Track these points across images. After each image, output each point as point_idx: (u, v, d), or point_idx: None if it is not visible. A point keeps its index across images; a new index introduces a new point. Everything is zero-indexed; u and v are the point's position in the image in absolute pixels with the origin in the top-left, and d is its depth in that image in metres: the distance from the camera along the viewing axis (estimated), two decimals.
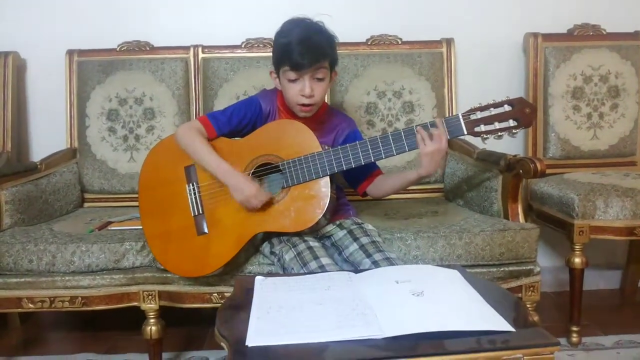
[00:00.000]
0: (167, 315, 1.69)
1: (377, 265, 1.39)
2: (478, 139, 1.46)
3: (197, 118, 1.72)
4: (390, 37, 2.20)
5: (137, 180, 1.62)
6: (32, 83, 2.27)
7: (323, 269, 1.36)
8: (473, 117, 1.42)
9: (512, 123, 1.41)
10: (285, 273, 1.44)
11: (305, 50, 1.45)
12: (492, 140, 1.44)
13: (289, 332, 0.94)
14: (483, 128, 1.41)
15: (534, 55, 2.22)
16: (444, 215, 1.80)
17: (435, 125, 1.41)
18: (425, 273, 1.21)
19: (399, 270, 1.25)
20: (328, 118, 1.65)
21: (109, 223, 1.79)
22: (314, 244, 1.46)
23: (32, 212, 1.84)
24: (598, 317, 2.12)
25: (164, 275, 1.60)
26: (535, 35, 2.22)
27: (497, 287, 1.31)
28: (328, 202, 1.45)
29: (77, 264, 1.59)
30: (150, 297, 1.62)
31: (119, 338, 2.04)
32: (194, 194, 1.53)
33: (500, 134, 1.42)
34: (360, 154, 1.44)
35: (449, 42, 2.20)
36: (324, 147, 1.50)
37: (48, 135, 2.23)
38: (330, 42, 1.52)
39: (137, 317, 1.67)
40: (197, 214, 1.52)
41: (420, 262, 1.56)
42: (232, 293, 1.20)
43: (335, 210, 1.60)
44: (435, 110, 2.14)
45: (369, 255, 1.44)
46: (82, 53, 2.16)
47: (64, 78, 2.15)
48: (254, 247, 1.60)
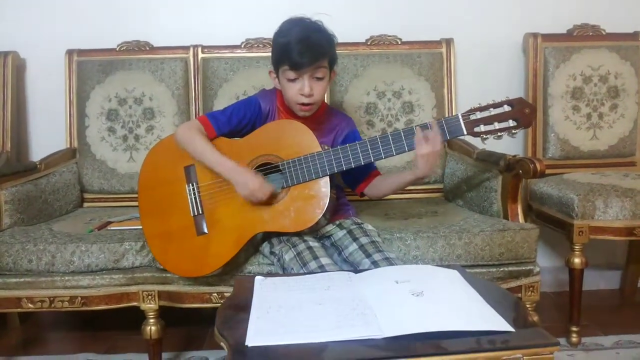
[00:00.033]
0: (166, 315, 1.69)
1: (376, 266, 1.39)
2: (478, 139, 1.46)
3: (196, 118, 1.72)
4: (390, 37, 2.20)
5: (136, 180, 1.62)
6: (31, 83, 2.27)
7: (323, 269, 1.36)
8: (473, 117, 1.42)
9: (511, 123, 1.42)
10: (285, 273, 1.44)
11: (305, 50, 1.45)
12: (491, 141, 1.44)
13: (289, 332, 0.94)
14: (483, 128, 1.42)
15: (534, 56, 2.22)
16: (444, 216, 1.80)
17: (430, 127, 1.41)
18: (425, 273, 1.21)
19: (399, 270, 1.25)
20: (327, 118, 1.65)
21: (109, 223, 1.79)
22: (314, 244, 1.46)
23: (31, 212, 1.84)
24: (598, 317, 2.12)
25: (164, 275, 1.60)
26: (535, 36, 2.22)
27: (496, 287, 1.31)
28: (328, 202, 1.45)
29: (76, 264, 1.59)
30: (150, 297, 1.62)
31: (119, 338, 2.04)
32: (194, 194, 1.53)
33: (500, 134, 1.42)
34: (360, 154, 1.44)
35: (449, 42, 2.20)
36: (324, 147, 1.50)
37: (48, 135, 2.23)
38: (329, 41, 1.52)
39: (136, 317, 1.67)
40: (196, 214, 1.52)
41: (420, 262, 1.56)
42: (231, 293, 1.20)
43: (335, 210, 1.60)
44: (435, 111, 2.14)
45: (369, 255, 1.44)
46: (81, 53, 2.16)
47: (64, 78, 2.15)
48: (254, 247, 1.60)
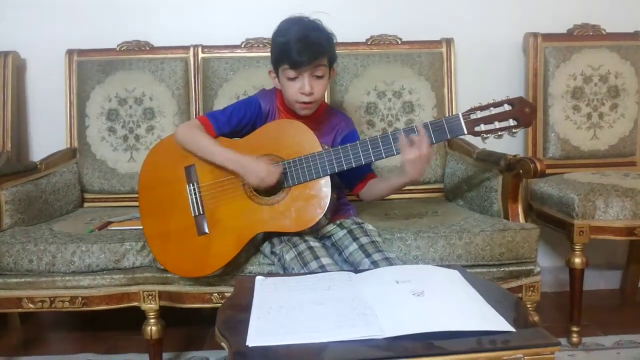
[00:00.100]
0: (167, 316, 1.69)
1: (376, 266, 1.39)
2: (478, 139, 1.46)
3: (196, 117, 1.72)
4: (390, 37, 2.20)
5: (137, 180, 1.61)
6: (32, 83, 2.27)
7: (323, 269, 1.36)
8: (473, 116, 1.42)
9: (512, 122, 1.42)
10: (286, 273, 1.44)
11: (304, 48, 1.45)
12: (492, 140, 1.44)
13: (290, 332, 0.94)
14: (483, 127, 1.42)
15: (534, 55, 2.22)
16: (444, 215, 1.80)
17: (417, 131, 1.41)
18: (426, 273, 1.21)
19: (399, 270, 1.25)
20: (327, 117, 1.65)
21: (109, 223, 1.79)
22: (315, 244, 1.46)
23: (32, 212, 1.84)
24: (598, 317, 2.12)
25: (164, 276, 1.60)
26: (535, 35, 2.22)
27: (497, 287, 1.31)
28: (328, 202, 1.45)
29: (77, 264, 1.59)
30: (151, 297, 1.62)
31: (119, 338, 2.04)
32: (195, 194, 1.53)
33: (500, 134, 1.42)
34: (361, 154, 1.44)
35: (449, 42, 2.20)
36: (324, 146, 1.50)
37: (48, 135, 2.23)
38: (329, 39, 1.52)
39: (137, 317, 1.67)
40: (197, 214, 1.52)
41: (421, 262, 1.56)
42: (232, 293, 1.20)
43: (336, 210, 1.60)
44: (436, 110, 2.14)
45: (369, 255, 1.44)
46: (82, 53, 2.16)
47: (64, 78, 2.15)
48: (255, 247, 1.60)
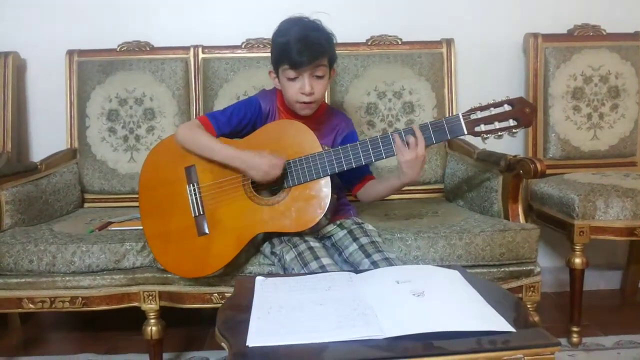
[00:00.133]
0: (167, 316, 1.69)
1: (376, 266, 1.39)
2: (478, 140, 1.46)
3: (196, 118, 1.71)
4: (390, 37, 2.20)
5: (137, 181, 1.61)
6: (32, 83, 2.27)
7: (324, 269, 1.36)
8: (473, 116, 1.42)
9: (512, 123, 1.42)
10: (286, 273, 1.44)
11: (304, 48, 1.45)
12: (492, 141, 1.44)
13: (290, 332, 0.94)
14: (483, 128, 1.42)
15: (534, 56, 2.22)
16: (444, 216, 1.80)
17: (412, 133, 1.41)
18: (426, 273, 1.21)
19: (400, 271, 1.25)
20: (327, 118, 1.65)
21: (109, 223, 1.79)
22: (315, 244, 1.46)
23: (32, 212, 1.84)
24: (598, 317, 2.11)
25: (165, 276, 1.60)
26: (535, 36, 2.22)
27: (497, 287, 1.31)
28: (329, 202, 1.45)
29: (77, 264, 1.59)
30: (151, 297, 1.62)
31: (120, 338, 2.04)
32: (195, 195, 1.53)
33: (501, 134, 1.42)
34: (361, 154, 1.44)
35: (449, 42, 2.20)
36: (324, 147, 1.50)
37: (48, 136, 2.23)
38: (329, 39, 1.52)
39: (137, 317, 1.67)
40: (197, 215, 1.52)
41: (421, 262, 1.56)
42: (232, 293, 1.20)
43: (336, 210, 1.60)
44: (436, 111, 2.14)
45: (368, 256, 1.44)
46: (82, 53, 2.16)
47: (64, 78, 2.15)
48: (255, 247, 1.60)
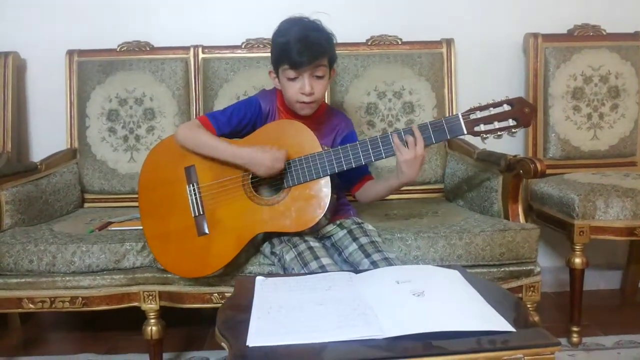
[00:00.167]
0: (167, 316, 1.69)
1: (375, 266, 1.39)
2: (478, 140, 1.46)
3: (196, 118, 1.72)
4: (390, 37, 2.20)
5: (137, 181, 1.61)
6: (32, 83, 2.27)
7: (324, 269, 1.36)
8: (473, 116, 1.42)
9: (511, 122, 1.42)
10: (286, 273, 1.44)
11: (304, 48, 1.45)
12: (492, 141, 1.44)
13: (290, 332, 0.94)
14: (483, 127, 1.42)
15: (534, 56, 2.22)
16: (444, 216, 1.80)
17: (411, 133, 1.41)
18: (426, 273, 1.21)
19: (400, 271, 1.25)
20: (327, 118, 1.65)
21: (109, 223, 1.79)
22: (315, 244, 1.46)
23: (32, 212, 1.84)
24: (598, 317, 2.12)
25: (165, 276, 1.60)
26: (535, 36, 2.22)
27: (497, 287, 1.31)
28: (329, 202, 1.45)
29: (77, 264, 1.59)
30: (151, 297, 1.62)
31: (120, 338, 2.04)
32: (195, 195, 1.53)
33: (500, 134, 1.42)
34: (361, 154, 1.44)
35: (449, 42, 2.20)
36: (324, 147, 1.50)
37: (48, 136, 2.23)
38: (328, 39, 1.52)
39: (137, 317, 1.67)
40: (197, 215, 1.52)
41: (421, 262, 1.56)
42: (232, 293, 1.20)
43: (336, 210, 1.60)
44: (436, 111, 2.14)
45: (368, 256, 1.44)
46: (82, 53, 2.16)
47: (64, 78, 2.15)
48: (255, 247, 1.60)
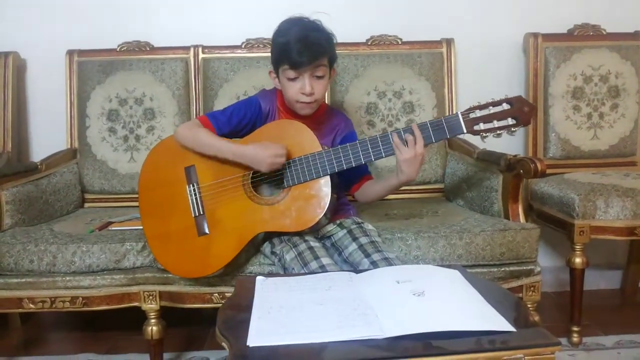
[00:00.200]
0: (167, 316, 1.69)
1: (375, 266, 1.39)
2: (478, 139, 1.46)
3: (196, 117, 1.72)
4: (390, 37, 2.20)
5: (137, 181, 1.61)
6: (32, 83, 2.27)
7: (324, 269, 1.36)
8: (472, 115, 1.42)
9: (510, 121, 1.42)
10: (286, 273, 1.44)
11: (304, 48, 1.45)
12: (492, 140, 1.44)
13: (290, 332, 0.94)
14: (482, 126, 1.42)
15: (534, 55, 2.22)
16: (445, 216, 1.80)
17: (411, 132, 1.41)
18: (426, 273, 1.21)
19: (400, 270, 1.25)
20: (327, 118, 1.65)
21: (110, 223, 1.79)
22: (315, 244, 1.46)
23: (32, 212, 1.84)
24: (599, 317, 2.11)
25: (165, 276, 1.60)
26: (536, 36, 2.22)
27: (497, 287, 1.31)
28: (329, 201, 1.45)
29: (77, 264, 1.59)
30: (151, 297, 1.62)
31: (120, 338, 2.04)
32: (195, 195, 1.53)
33: (499, 133, 1.42)
34: (361, 153, 1.44)
35: (449, 42, 2.20)
36: (324, 147, 1.50)
37: (48, 136, 2.23)
38: (329, 39, 1.52)
39: (137, 317, 1.67)
40: (197, 215, 1.52)
41: (421, 262, 1.56)
42: (233, 293, 1.20)
43: (336, 210, 1.60)
44: (436, 110, 2.14)
45: (368, 256, 1.44)
46: (82, 53, 2.16)
47: (64, 78, 2.15)
48: (255, 247, 1.60)
